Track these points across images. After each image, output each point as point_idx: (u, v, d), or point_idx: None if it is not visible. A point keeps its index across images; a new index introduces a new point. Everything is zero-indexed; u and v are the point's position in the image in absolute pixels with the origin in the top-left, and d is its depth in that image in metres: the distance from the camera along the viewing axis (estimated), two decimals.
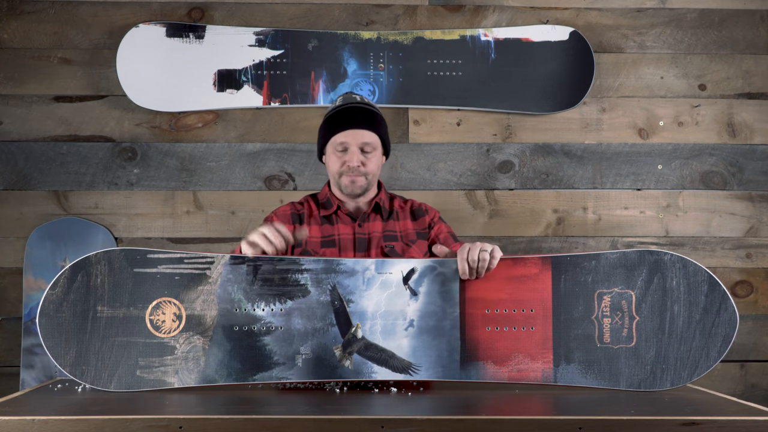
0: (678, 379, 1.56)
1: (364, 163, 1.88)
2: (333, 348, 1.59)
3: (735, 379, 2.64)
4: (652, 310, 1.58)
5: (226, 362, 1.58)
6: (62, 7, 2.67)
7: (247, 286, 1.62)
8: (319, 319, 1.61)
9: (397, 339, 1.60)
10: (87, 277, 1.59)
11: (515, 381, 1.59)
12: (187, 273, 1.62)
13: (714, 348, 1.55)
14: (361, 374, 1.58)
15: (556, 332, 1.59)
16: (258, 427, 1.27)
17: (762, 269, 2.68)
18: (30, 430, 1.27)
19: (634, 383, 1.56)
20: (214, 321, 1.60)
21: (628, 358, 1.57)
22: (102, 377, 1.56)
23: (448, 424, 1.27)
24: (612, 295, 1.60)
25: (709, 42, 2.73)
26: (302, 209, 1.94)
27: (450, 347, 1.59)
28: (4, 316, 2.60)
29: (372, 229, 1.90)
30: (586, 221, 2.68)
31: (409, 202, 1.99)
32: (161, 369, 1.57)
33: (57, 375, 2.52)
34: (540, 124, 2.70)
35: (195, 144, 2.66)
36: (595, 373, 1.57)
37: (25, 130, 2.64)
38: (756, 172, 2.70)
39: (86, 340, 1.57)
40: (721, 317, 1.56)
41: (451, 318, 1.61)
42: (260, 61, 2.66)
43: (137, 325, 1.59)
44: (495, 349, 1.59)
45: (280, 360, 1.58)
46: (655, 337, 1.57)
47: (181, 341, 1.59)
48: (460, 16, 2.71)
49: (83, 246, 2.59)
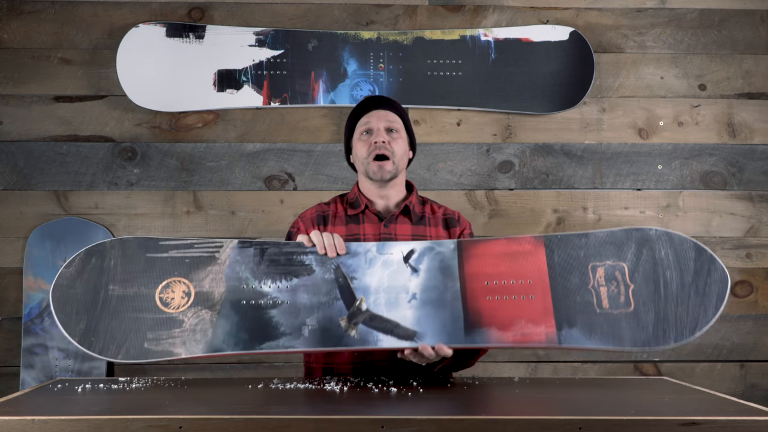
0: (680, 335, 1.57)
1: (389, 143, 1.86)
2: (338, 319, 1.61)
3: (735, 379, 2.64)
4: (645, 278, 1.61)
5: (233, 333, 1.60)
6: (62, 7, 2.67)
7: (255, 266, 1.67)
8: (324, 294, 1.64)
9: (401, 310, 1.62)
10: (101, 260, 1.65)
11: (520, 344, 1.59)
12: (197, 256, 1.68)
13: (710, 305, 1.58)
14: (367, 343, 1.59)
15: (555, 300, 1.62)
16: (258, 427, 1.27)
17: (762, 269, 2.68)
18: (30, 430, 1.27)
19: (639, 343, 1.57)
20: (222, 296, 1.64)
21: (629, 322, 1.59)
22: (110, 348, 1.57)
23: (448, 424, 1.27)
24: (605, 267, 1.64)
25: (709, 42, 2.73)
26: (328, 210, 1.92)
27: (453, 316, 1.61)
28: (4, 316, 2.60)
29: (399, 231, 1.87)
30: (586, 221, 2.68)
31: (441, 209, 1.95)
32: (169, 341, 1.58)
33: (57, 375, 2.53)
34: (540, 124, 2.71)
35: (195, 144, 2.66)
36: (598, 335, 1.58)
37: (25, 130, 2.65)
38: (756, 172, 2.70)
39: (96, 314, 1.60)
40: (712, 277, 1.60)
41: (452, 291, 1.64)
42: (260, 61, 2.66)
43: (147, 302, 1.62)
44: (498, 317, 1.61)
45: (287, 331, 1.60)
46: (652, 301, 1.60)
47: (189, 315, 1.61)
48: (460, 16, 2.71)
49: (83, 246, 2.58)
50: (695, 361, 2.65)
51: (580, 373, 2.64)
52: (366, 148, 1.87)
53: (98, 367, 2.55)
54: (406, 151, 1.90)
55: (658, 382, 1.74)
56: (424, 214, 1.91)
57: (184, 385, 1.65)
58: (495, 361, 2.64)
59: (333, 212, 1.90)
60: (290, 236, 1.91)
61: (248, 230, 2.63)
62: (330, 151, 2.67)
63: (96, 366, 2.54)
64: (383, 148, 1.84)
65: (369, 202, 1.89)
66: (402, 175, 1.92)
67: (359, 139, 1.90)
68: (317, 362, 1.83)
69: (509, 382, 1.72)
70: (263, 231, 2.64)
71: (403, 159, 1.89)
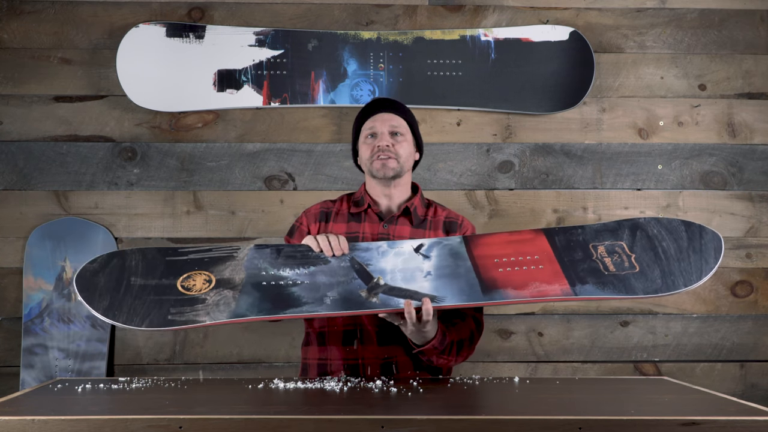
0: (689, 281, 1.62)
1: (393, 146, 1.88)
2: (359, 291, 1.64)
3: (735, 379, 2.64)
4: (644, 249, 1.70)
5: (256, 303, 1.61)
6: (62, 7, 2.67)
7: (272, 260, 1.71)
8: (341, 276, 1.68)
9: (418, 283, 1.66)
10: (122, 261, 1.68)
11: (537, 298, 1.62)
12: (216, 256, 1.72)
13: (710, 257, 1.66)
14: (388, 306, 1.61)
15: (564, 268, 1.67)
16: (258, 427, 1.27)
17: (762, 269, 2.68)
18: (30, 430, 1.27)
19: (651, 291, 1.61)
20: (243, 280, 1.66)
21: (638, 278, 1.64)
22: (134, 320, 1.57)
23: (448, 424, 1.27)
24: (605, 245, 1.72)
25: (709, 42, 2.73)
26: (332, 207, 1.94)
27: (470, 284, 1.65)
28: (4, 316, 2.60)
29: (397, 233, 1.88)
30: (586, 221, 2.67)
31: (445, 212, 1.95)
32: (192, 313, 1.59)
33: (57, 375, 2.53)
34: (540, 124, 2.71)
35: (195, 144, 2.66)
36: (610, 288, 1.63)
37: (25, 130, 2.65)
38: (756, 172, 2.70)
39: (119, 296, 1.61)
40: (705, 238, 1.69)
41: (464, 267, 1.69)
42: (260, 61, 2.66)
43: (169, 289, 1.64)
44: (512, 281, 1.65)
45: (309, 300, 1.63)
46: (654, 263, 1.66)
47: (211, 294, 1.63)
48: (460, 16, 2.71)
49: (83, 246, 2.60)
50: (695, 361, 2.65)
51: (580, 373, 2.64)
52: (370, 151, 1.89)
53: (98, 367, 2.55)
54: (411, 153, 1.92)
55: (658, 382, 1.74)
56: (426, 217, 1.91)
57: (184, 385, 1.65)
58: (495, 361, 2.64)
59: (336, 210, 1.93)
60: (293, 229, 1.94)
61: (248, 230, 2.63)
62: (330, 151, 2.67)
63: (96, 366, 2.55)
64: (387, 151, 1.86)
65: (373, 201, 1.91)
66: (407, 176, 1.93)
67: (364, 142, 1.92)
68: (313, 358, 1.85)
69: (509, 382, 1.72)
70: (263, 231, 2.64)
71: (408, 160, 1.91)
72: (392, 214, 1.90)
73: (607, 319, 2.65)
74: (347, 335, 1.82)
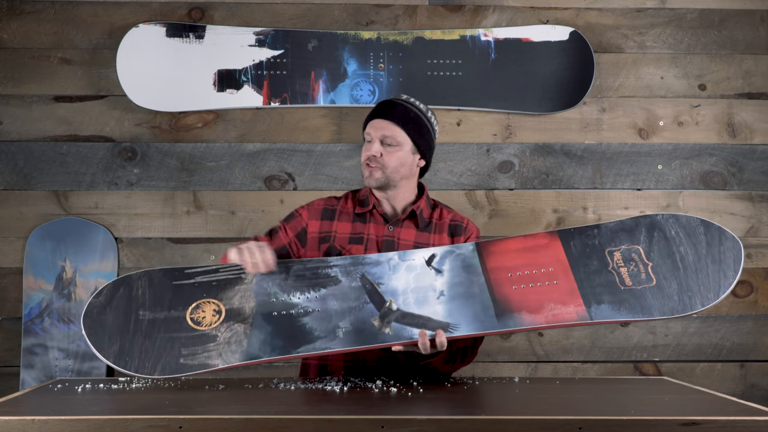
0: (706, 299, 1.59)
1: (382, 155, 1.84)
2: (371, 320, 1.63)
3: (735, 379, 2.64)
4: (662, 256, 1.66)
5: (268, 341, 1.60)
6: (62, 7, 2.67)
7: (282, 281, 1.69)
8: (353, 300, 1.66)
9: (431, 306, 1.64)
10: (128, 290, 1.66)
11: (553, 324, 1.60)
12: (223, 278, 1.69)
13: (729, 269, 1.62)
14: (401, 338, 1.60)
15: (579, 282, 1.64)
16: (258, 427, 1.27)
17: (762, 269, 2.68)
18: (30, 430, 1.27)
19: (667, 312, 1.59)
20: (253, 310, 1.65)
21: (654, 295, 1.61)
22: (146, 366, 1.57)
23: (448, 424, 1.27)
24: (621, 251, 1.68)
25: (709, 42, 2.73)
26: (337, 205, 1.92)
27: (483, 306, 1.63)
28: (4, 316, 2.60)
29: (403, 236, 1.87)
30: (586, 221, 2.67)
31: (450, 214, 1.93)
32: (204, 354, 1.58)
33: (57, 375, 2.53)
34: (540, 124, 2.71)
35: (195, 144, 2.66)
36: (626, 309, 1.60)
37: (25, 130, 2.64)
38: (756, 172, 2.70)
39: (129, 337, 1.60)
40: (724, 245, 1.65)
41: (478, 284, 1.66)
42: (260, 61, 2.66)
43: (179, 323, 1.62)
44: (527, 302, 1.62)
45: (321, 334, 1.61)
46: (672, 275, 1.63)
47: (222, 330, 1.61)
48: (460, 16, 2.71)
49: (83, 246, 2.60)
50: (695, 361, 2.65)
51: (580, 373, 2.64)
52: (363, 156, 1.89)
53: (98, 367, 2.55)
54: (403, 163, 1.86)
55: (658, 382, 1.74)
56: (432, 219, 1.91)
57: (184, 385, 1.65)
58: (495, 361, 2.64)
59: (341, 208, 1.91)
60: (291, 217, 1.93)
61: (248, 230, 2.63)
62: (330, 151, 2.67)
63: (96, 366, 2.54)
64: (373, 161, 1.85)
65: (377, 202, 1.90)
66: (405, 183, 1.89)
67: (362, 145, 1.93)
68: (313, 358, 1.85)
69: (509, 382, 1.72)
70: (263, 231, 2.63)
71: (399, 171, 1.86)
72: (397, 216, 1.90)
73: None
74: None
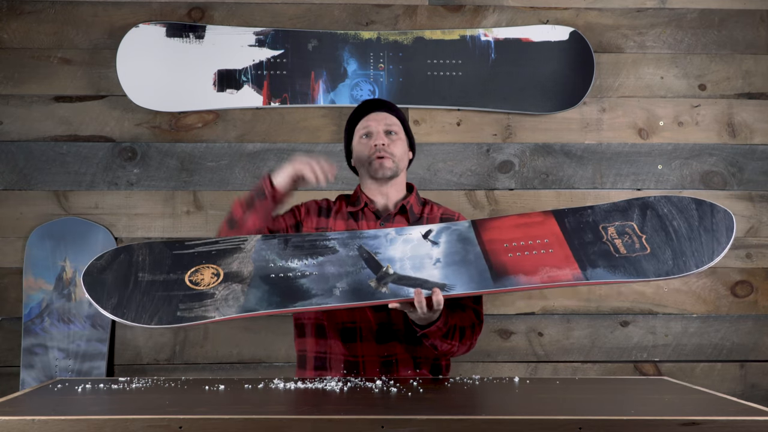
0: (700, 262, 1.60)
1: (389, 145, 1.89)
2: (368, 281, 1.63)
3: (735, 379, 2.64)
4: (655, 229, 1.67)
5: (265, 297, 1.60)
6: (62, 7, 2.67)
7: (280, 250, 1.70)
8: (350, 266, 1.66)
9: (427, 271, 1.64)
10: (129, 256, 1.67)
11: (548, 284, 1.60)
12: (223, 248, 1.70)
13: (722, 236, 1.63)
14: (398, 296, 1.60)
15: (574, 251, 1.65)
16: (258, 427, 1.27)
17: (762, 269, 2.68)
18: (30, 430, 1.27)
19: (662, 273, 1.60)
20: (251, 273, 1.65)
21: (649, 260, 1.62)
22: (143, 317, 1.56)
23: (448, 424, 1.27)
24: (615, 226, 1.70)
25: (709, 42, 2.73)
26: (332, 205, 1.95)
27: (479, 271, 1.63)
28: (4, 316, 2.60)
29: None
30: None
31: (441, 209, 1.96)
32: (201, 309, 1.58)
33: (57, 375, 2.53)
34: (540, 124, 2.71)
35: (195, 144, 2.66)
36: (621, 272, 1.61)
37: (25, 130, 2.65)
38: (756, 172, 2.70)
39: (127, 293, 1.60)
40: (716, 216, 1.66)
41: (473, 253, 1.67)
42: (260, 61, 2.66)
43: (177, 284, 1.62)
44: (523, 266, 1.63)
45: (318, 292, 1.61)
46: (666, 244, 1.64)
47: (220, 288, 1.62)
48: (460, 16, 2.71)
49: (83, 246, 2.60)
50: (695, 361, 2.65)
51: (580, 373, 2.64)
52: (367, 151, 1.90)
53: (98, 367, 2.55)
54: (405, 152, 1.94)
55: (658, 382, 1.74)
56: (423, 214, 1.93)
57: (184, 385, 1.65)
58: (495, 361, 2.64)
59: (336, 208, 1.94)
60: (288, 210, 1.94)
61: None
62: (330, 151, 2.67)
63: (96, 366, 2.55)
64: (383, 151, 1.88)
65: (369, 200, 1.92)
66: (403, 175, 1.95)
67: (359, 142, 1.93)
68: (311, 350, 1.85)
69: (509, 382, 1.72)
70: None
71: (403, 159, 1.93)
72: (389, 212, 1.91)
73: (607, 319, 2.65)
74: (348, 332, 1.82)
